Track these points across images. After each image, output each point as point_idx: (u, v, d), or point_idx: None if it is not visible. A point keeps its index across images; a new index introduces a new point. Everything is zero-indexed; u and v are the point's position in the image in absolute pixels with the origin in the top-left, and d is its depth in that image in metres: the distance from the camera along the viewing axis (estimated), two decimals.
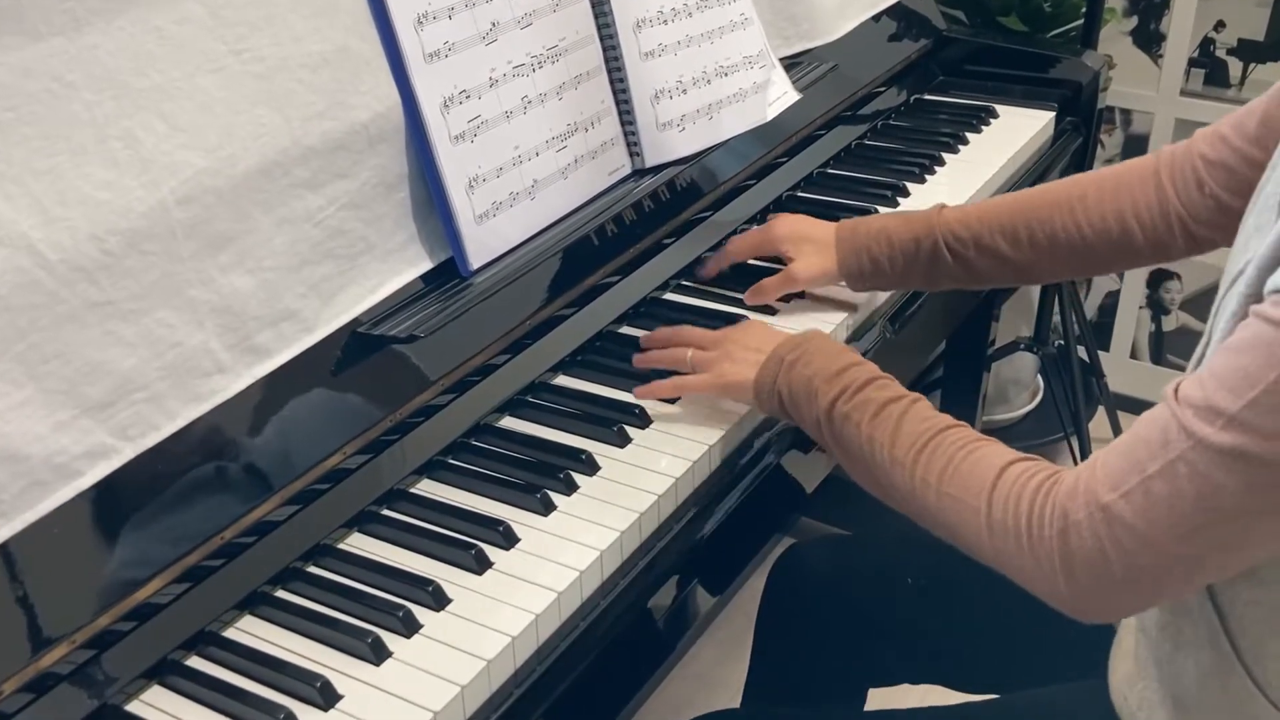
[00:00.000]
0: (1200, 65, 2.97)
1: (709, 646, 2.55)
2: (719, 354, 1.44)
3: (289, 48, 1.32)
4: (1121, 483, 1.01)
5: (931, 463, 1.18)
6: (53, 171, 1.12)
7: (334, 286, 1.35)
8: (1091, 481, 1.04)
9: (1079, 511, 1.04)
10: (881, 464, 1.22)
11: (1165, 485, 0.99)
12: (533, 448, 1.41)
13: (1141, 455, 1.01)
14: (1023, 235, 1.52)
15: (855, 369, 1.31)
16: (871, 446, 1.23)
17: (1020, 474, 1.11)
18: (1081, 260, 1.51)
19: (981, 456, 1.15)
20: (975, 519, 1.12)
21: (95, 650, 1.09)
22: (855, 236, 1.61)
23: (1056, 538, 1.05)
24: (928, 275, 1.58)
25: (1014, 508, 1.09)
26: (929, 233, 1.56)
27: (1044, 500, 1.07)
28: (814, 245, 1.63)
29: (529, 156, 1.55)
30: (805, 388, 1.31)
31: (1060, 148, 2.24)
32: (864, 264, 1.60)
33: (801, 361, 1.34)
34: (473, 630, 1.17)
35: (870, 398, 1.26)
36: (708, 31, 1.80)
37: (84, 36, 1.17)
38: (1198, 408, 0.97)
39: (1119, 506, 1.01)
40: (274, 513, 1.23)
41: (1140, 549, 1.01)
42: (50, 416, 1.10)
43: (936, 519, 1.18)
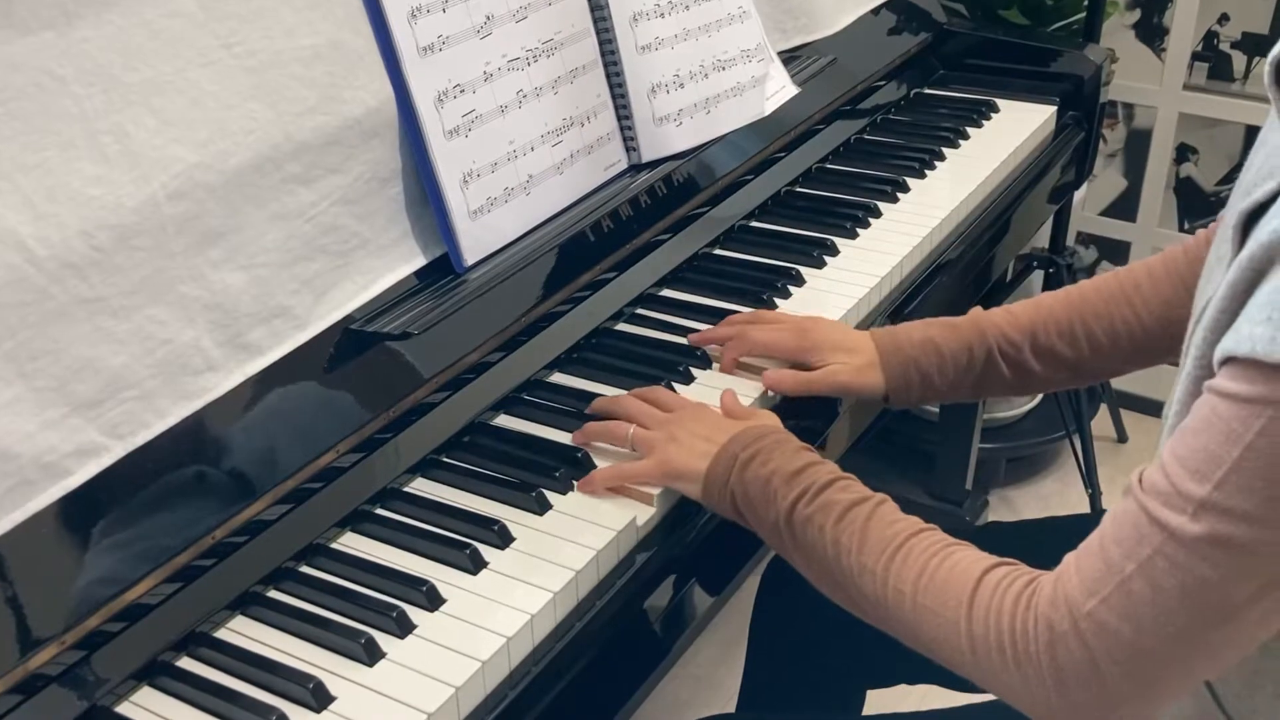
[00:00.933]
0: (1204, 59, 2.97)
1: (707, 647, 2.55)
2: (663, 435, 1.34)
3: (281, 41, 1.32)
4: (1099, 587, 0.98)
5: (904, 571, 1.12)
6: (42, 166, 1.12)
7: (327, 283, 1.36)
8: (1069, 588, 1.01)
9: (1063, 623, 1.00)
10: (848, 571, 1.17)
11: (1146, 584, 0.96)
12: (528, 446, 1.41)
13: (1115, 555, 0.98)
14: (1080, 334, 1.45)
15: (815, 468, 1.24)
16: (837, 550, 1.17)
17: (999, 581, 1.07)
18: (1144, 353, 1.45)
19: (956, 563, 1.11)
20: (954, 633, 1.08)
21: (85, 651, 1.09)
22: (899, 350, 1.49)
23: (1044, 652, 1.01)
24: (979, 385, 1.49)
25: (995, 622, 1.05)
26: (981, 340, 1.48)
27: (1025, 613, 1.03)
28: (856, 358, 1.50)
29: (524, 151, 1.55)
30: (762, 489, 1.24)
31: (1062, 142, 2.24)
32: (912, 379, 1.49)
33: (758, 460, 1.26)
34: (467, 631, 1.18)
35: (834, 499, 1.20)
36: (705, 25, 1.80)
37: (73, 30, 1.17)
38: (1165, 495, 0.95)
39: (1102, 613, 0.98)
40: (266, 512, 1.23)
41: (1131, 656, 0.98)
42: (39, 414, 1.10)
43: (913, 632, 1.13)
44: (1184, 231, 3.17)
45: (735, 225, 1.86)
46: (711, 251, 1.82)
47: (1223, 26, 2.93)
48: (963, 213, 1.96)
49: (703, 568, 1.42)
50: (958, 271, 1.89)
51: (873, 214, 1.91)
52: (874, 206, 1.92)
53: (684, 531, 1.35)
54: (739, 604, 2.46)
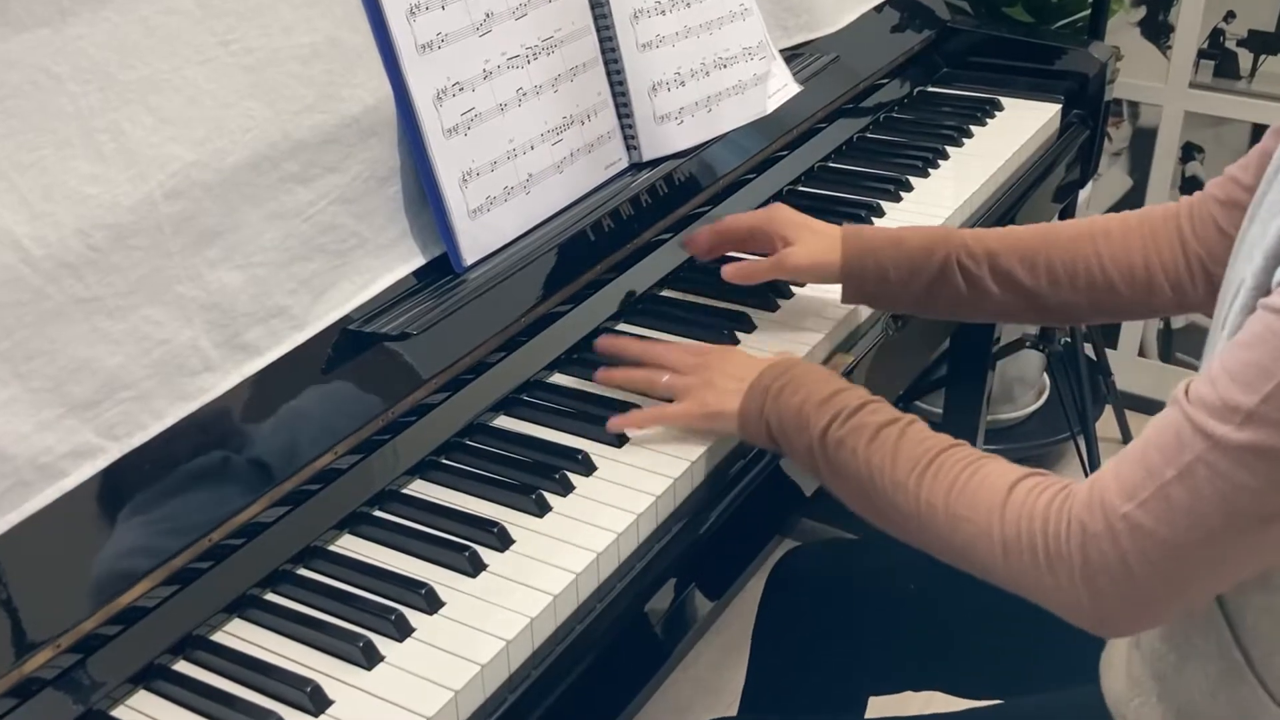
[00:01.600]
0: (1210, 57, 2.97)
1: (708, 651, 2.55)
2: (698, 381, 1.41)
3: (278, 39, 1.32)
4: (1138, 491, 1.01)
5: (936, 484, 1.16)
6: (37, 165, 1.12)
7: (325, 282, 1.36)
8: (1106, 493, 1.04)
9: (1097, 524, 1.03)
10: (882, 489, 1.20)
11: (1184, 490, 0.99)
12: (528, 447, 1.41)
13: (1156, 461, 1.01)
14: (1041, 264, 1.48)
15: (845, 393, 1.28)
16: (870, 471, 1.21)
17: (1031, 489, 1.11)
18: (1100, 299, 1.48)
19: (988, 474, 1.14)
20: (987, 539, 1.11)
21: (80, 654, 1.09)
22: (862, 239, 1.57)
23: (1076, 553, 1.05)
24: (929, 292, 1.53)
25: (1028, 525, 1.08)
26: (943, 244, 1.52)
27: (1059, 515, 1.06)
28: (817, 236, 1.58)
29: (524, 150, 1.55)
30: (795, 416, 1.29)
31: (1067, 141, 2.24)
32: (867, 265, 1.55)
33: (789, 389, 1.31)
34: (467, 634, 1.18)
35: (865, 422, 1.24)
36: (707, 22, 1.80)
37: (69, 27, 1.17)
38: (1211, 407, 0.97)
39: (1138, 516, 1.01)
40: (263, 514, 1.23)
41: (1164, 557, 1.01)
42: (35, 415, 1.10)
43: (947, 542, 1.16)
44: None
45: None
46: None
47: (1229, 24, 2.93)
48: (966, 212, 1.96)
49: (704, 571, 1.42)
50: None
51: (876, 213, 1.91)
52: (877, 206, 1.92)
53: (686, 535, 1.35)
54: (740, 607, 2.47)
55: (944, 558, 1.18)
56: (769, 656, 1.69)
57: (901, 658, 1.59)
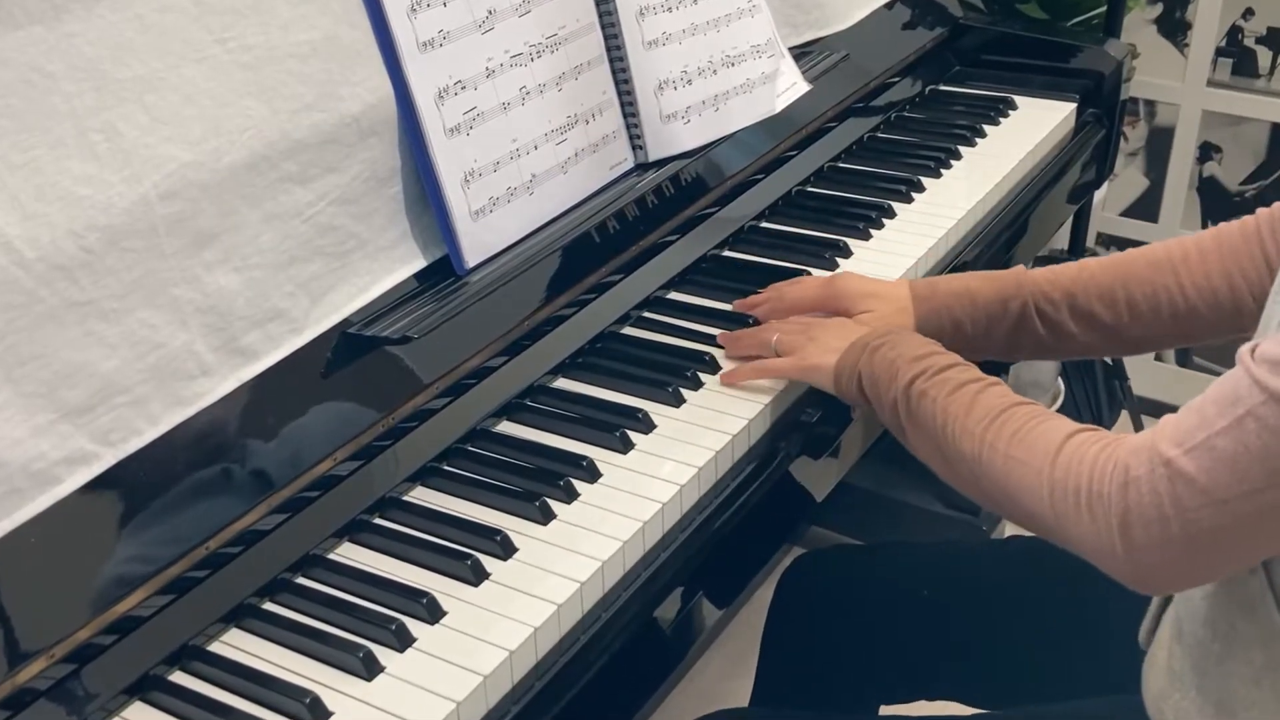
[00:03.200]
0: (1228, 55, 2.97)
1: (715, 661, 2.55)
2: (804, 339, 1.48)
3: (276, 36, 1.32)
4: (1187, 439, 1.03)
5: (1001, 431, 1.20)
6: (30, 165, 1.12)
7: (324, 285, 1.35)
8: (1157, 438, 1.05)
9: (1140, 467, 1.05)
10: (951, 435, 1.25)
11: (1231, 441, 1.00)
12: (531, 453, 1.41)
13: (1210, 413, 1.02)
14: (1120, 298, 1.47)
15: (939, 355, 1.34)
16: (946, 419, 1.26)
17: (1088, 438, 1.14)
18: (1184, 326, 1.47)
19: (1052, 426, 1.18)
20: (1038, 480, 1.15)
21: (75, 664, 1.09)
22: (935, 295, 1.55)
23: (1116, 493, 1.07)
24: (1010, 341, 1.52)
25: (1076, 468, 1.11)
26: (1017, 292, 1.51)
27: (1106, 458, 1.09)
28: (887, 304, 1.55)
29: (527, 150, 1.55)
30: (887, 369, 1.34)
31: (1082, 141, 2.24)
32: (944, 325, 1.53)
33: (886, 345, 1.37)
34: (469, 644, 1.17)
35: (950, 377, 1.29)
36: (714, 19, 1.80)
37: (63, 25, 1.17)
38: (1273, 362, 0.98)
39: (1182, 462, 1.03)
40: (261, 521, 1.23)
41: (1200, 506, 1.02)
42: (28, 421, 1.10)
43: (1000, 484, 1.20)
44: None
45: (745, 226, 1.86)
46: (720, 253, 1.82)
47: (1247, 21, 2.93)
48: (979, 213, 1.96)
49: (711, 579, 1.42)
50: None
51: (887, 214, 1.90)
52: (888, 207, 1.92)
53: (693, 542, 1.35)
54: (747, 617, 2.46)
55: (994, 505, 1.24)
56: (778, 666, 1.69)
57: (913, 666, 1.58)
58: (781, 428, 1.49)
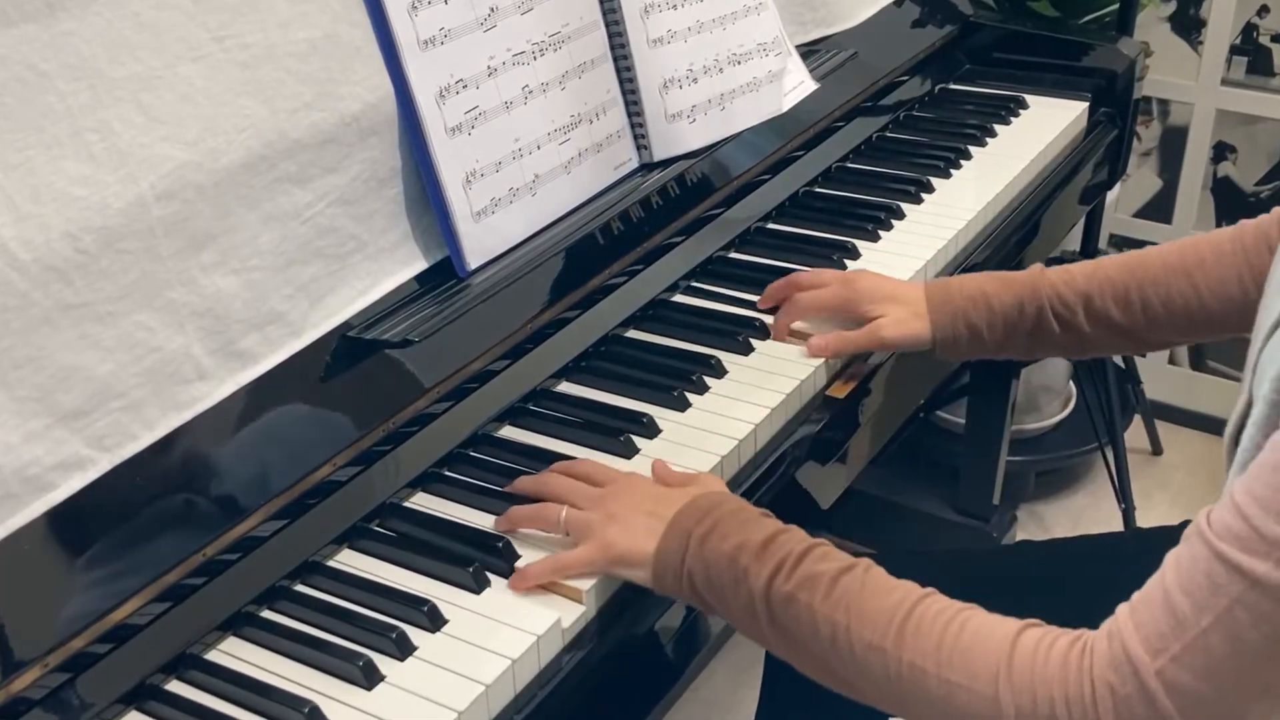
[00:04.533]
0: (1242, 53, 2.96)
1: (720, 670, 2.55)
2: (600, 516, 1.25)
3: (274, 34, 1.32)
4: (1169, 644, 0.95)
5: (919, 643, 1.07)
6: (24, 165, 1.12)
7: (323, 287, 1.35)
8: (1130, 646, 0.97)
9: (1127, 684, 0.96)
10: (846, 651, 1.11)
11: (1225, 639, 0.93)
12: (534, 458, 1.41)
13: (1185, 607, 0.94)
14: (1135, 299, 1.48)
15: (784, 536, 1.18)
16: (832, 629, 1.11)
17: (1036, 645, 1.03)
18: (1200, 327, 1.48)
19: (978, 628, 1.06)
20: (993, 708, 1.03)
21: (69, 674, 1.09)
22: (950, 300, 1.55)
23: (1105, 716, 0.97)
24: (1029, 344, 1.54)
25: (1044, 691, 1.00)
26: (1034, 296, 1.51)
27: (1079, 677, 0.99)
28: (903, 307, 1.56)
29: (530, 150, 1.55)
30: (729, 567, 1.17)
31: (1094, 140, 2.24)
32: (960, 331, 1.54)
33: (716, 534, 1.19)
34: (470, 653, 1.17)
35: (816, 571, 1.14)
36: (720, 17, 1.80)
37: (58, 23, 1.17)
38: (1243, 540, 0.92)
39: (1173, 672, 0.95)
40: (259, 528, 1.22)
41: (1208, 714, 0.95)
42: (22, 425, 1.10)
43: (941, 710, 1.07)
44: None
45: (751, 227, 1.86)
46: (726, 255, 1.82)
47: (1263, 19, 2.92)
48: (990, 214, 1.96)
49: None
50: None
51: (895, 215, 1.90)
52: (896, 208, 1.91)
53: None
54: None
55: None
56: (783, 676, 1.68)
57: None
58: (788, 433, 1.49)
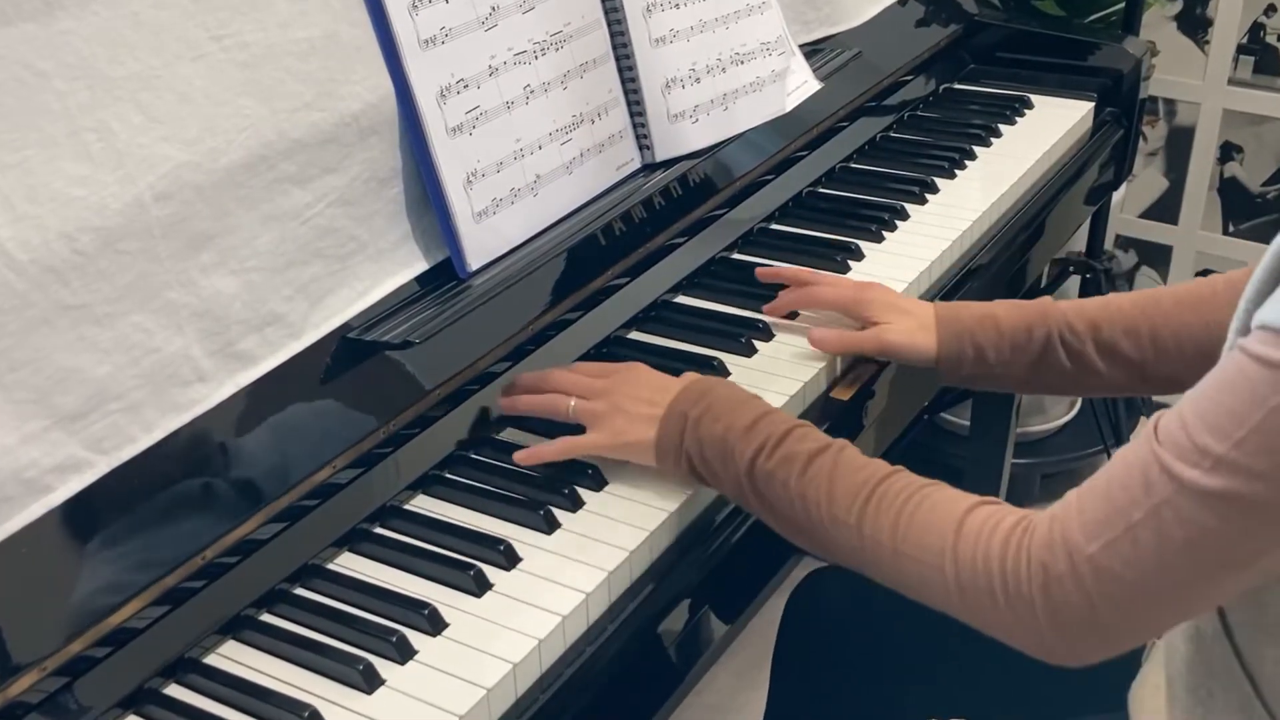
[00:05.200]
0: (1249, 52, 2.96)
1: (723, 675, 2.55)
2: (606, 406, 1.38)
3: (274, 34, 1.32)
4: (1103, 531, 1.02)
5: (880, 519, 1.17)
6: (21, 165, 1.12)
7: (323, 289, 1.35)
8: (1069, 530, 1.04)
9: (1060, 564, 1.04)
10: (819, 523, 1.21)
11: (1151, 533, 0.99)
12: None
13: (1122, 500, 1.01)
14: (1145, 333, 1.48)
15: (768, 419, 1.28)
16: (805, 504, 1.22)
17: (983, 524, 1.11)
18: (1209, 364, 1.47)
19: (934, 505, 1.15)
20: (940, 577, 1.12)
21: (67, 678, 1.09)
22: (959, 318, 1.55)
23: (1038, 593, 1.05)
24: (1033, 371, 1.53)
25: (984, 565, 1.09)
26: (1042, 322, 1.51)
27: (1017, 553, 1.07)
28: (911, 320, 1.57)
29: (531, 150, 1.55)
30: (719, 446, 1.28)
31: (1100, 140, 2.24)
32: (965, 350, 1.54)
33: (709, 416, 1.30)
34: (471, 656, 1.17)
35: (794, 451, 1.24)
36: (723, 16, 1.80)
37: (56, 22, 1.17)
38: (1182, 449, 0.98)
39: (1103, 557, 1.02)
40: (258, 531, 1.22)
41: (1130, 599, 1.02)
42: (19, 428, 1.10)
43: (896, 580, 1.18)
44: (1228, 235, 3.16)
45: (754, 228, 1.86)
46: (729, 256, 1.82)
47: (1270, 18, 2.93)
48: (995, 215, 1.95)
49: (720, 592, 1.42)
50: (989, 277, 1.89)
51: (899, 216, 1.90)
52: (901, 208, 1.91)
53: (701, 550, 1.35)
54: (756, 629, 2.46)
55: (898, 590, 1.19)
56: (790, 683, 1.68)
57: (931, 686, 1.58)
58: None
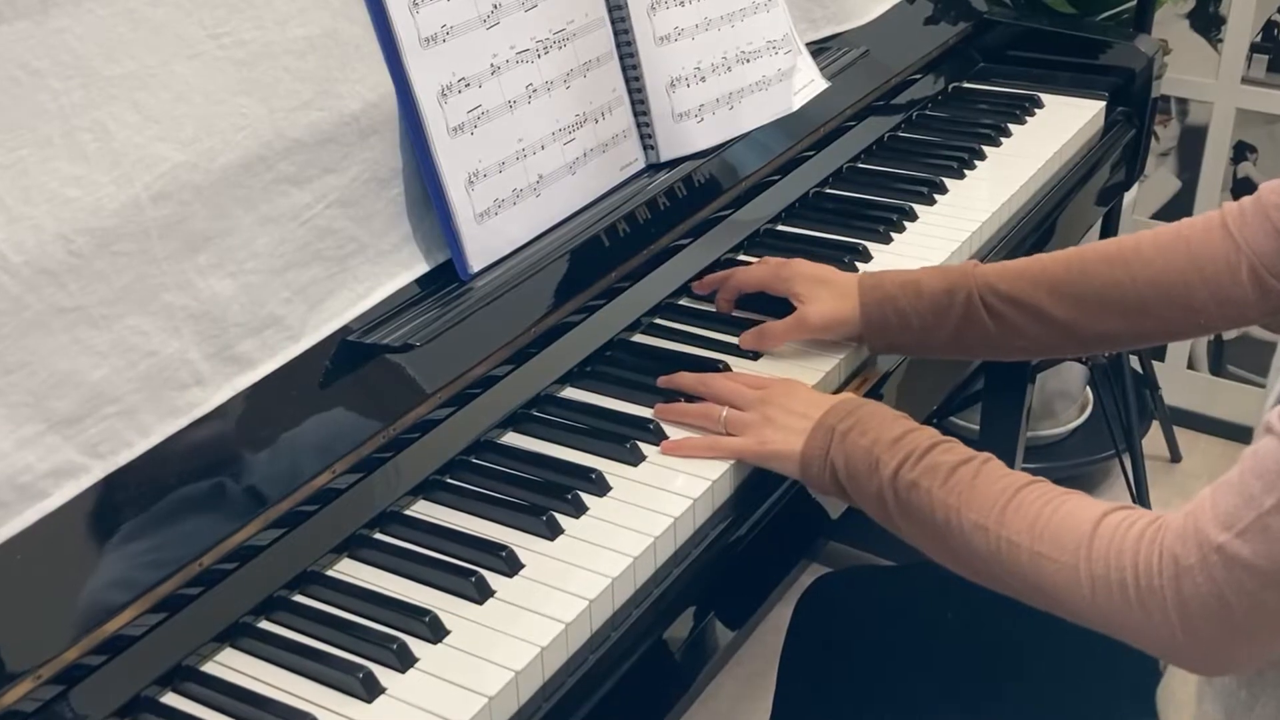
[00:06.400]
0: (1263, 51, 2.96)
1: (729, 682, 2.55)
2: (758, 417, 1.41)
3: (272, 32, 1.32)
4: (1236, 520, 1.02)
5: (1017, 521, 1.17)
6: (16, 166, 1.12)
7: (322, 291, 1.35)
8: (1201, 522, 1.04)
9: (1191, 556, 1.04)
10: (958, 530, 1.21)
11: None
12: (538, 466, 1.41)
13: (1255, 489, 1.01)
14: (1069, 293, 1.49)
15: (915, 434, 1.30)
16: (946, 512, 1.22)
17: (1119, 523, 1.11)
18: (1136, 321, 1.47)
19: (1072, 510, 1.15)
20: (1074, 576, 1.12)
21: (63, 686, 1.09)
22: (880, 286, 1.57)
23: (1168, 585, 1.05)
24: (957, 335, 1.54)
25: (1116, 560, 1.09)
26: (963, 282, 1.52)
27: (1150, 548, 1.07)
28: (831, 290, 1.58)
29: (534, 150, 1.55)
30: (865, 458, 1.30)
31: (1111, 140, 2.24)
32: (888, 315, 1.55)
33: (856, 430, 1.32)
34: (473, 664, 1.17)
35: (939, 461, 1.25)
36: (728, 14, 1.80)
37: (51, 20, 1.17)
38: None
39: (1235, 546, 1.01)
40: (257, 536, 1.22)
41: (1262, 589, 1.01)
42: (13, 432, 1.10)
43: (1031, 583, 1.17)
44: None
45: (760, 229, 1.86)
46: (734, 257, 1.81)
47: None
48: (1004, 216, 1.95)
49: (726, 598, 1.42)
50: None
51: (908, 217, 1.90)
52: (909, 209, 1.91)
53: (706, 556, 1.34)
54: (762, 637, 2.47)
55: (1026, 598, 1.19)
56: (796, 690, 1.68)
57: (939, 692, 1.58)
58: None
